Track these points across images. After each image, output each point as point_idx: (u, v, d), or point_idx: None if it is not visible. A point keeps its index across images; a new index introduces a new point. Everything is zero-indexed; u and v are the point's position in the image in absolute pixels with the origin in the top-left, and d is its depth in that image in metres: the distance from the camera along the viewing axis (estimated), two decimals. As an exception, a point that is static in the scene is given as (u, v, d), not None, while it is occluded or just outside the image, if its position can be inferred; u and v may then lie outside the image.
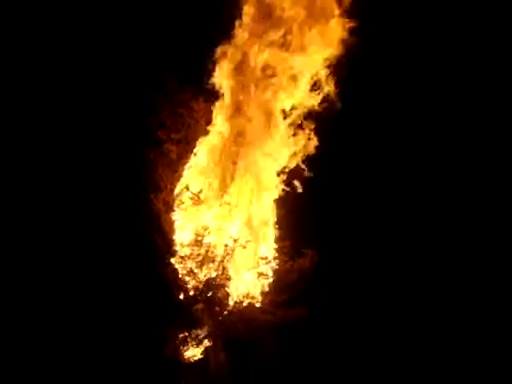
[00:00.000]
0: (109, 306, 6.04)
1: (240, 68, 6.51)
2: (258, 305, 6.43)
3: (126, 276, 6.16)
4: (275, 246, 6.57)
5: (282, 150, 6.53)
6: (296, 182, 6.55)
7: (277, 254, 6.54)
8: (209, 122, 6.61)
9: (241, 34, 6.51)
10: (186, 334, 6.19)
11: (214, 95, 6.60)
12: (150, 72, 6.63)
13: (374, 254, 6.65)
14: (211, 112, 6.65)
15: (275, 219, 6.58)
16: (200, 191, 6.52)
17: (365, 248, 6.68)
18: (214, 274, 6.35)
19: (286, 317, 6.29)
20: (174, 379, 6.09)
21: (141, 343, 6.00)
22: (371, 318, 6.39)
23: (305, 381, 6.32)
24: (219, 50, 6.50)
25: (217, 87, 6.57)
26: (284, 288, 6.45)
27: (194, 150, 6.63)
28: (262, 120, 6.48)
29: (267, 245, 6.55)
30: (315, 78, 6.53)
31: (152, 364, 5.99)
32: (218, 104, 6.61)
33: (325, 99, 6.50)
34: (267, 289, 6.47)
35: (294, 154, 6.54)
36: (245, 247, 6.39)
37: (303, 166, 6.53)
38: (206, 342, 6.23)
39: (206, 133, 6.61)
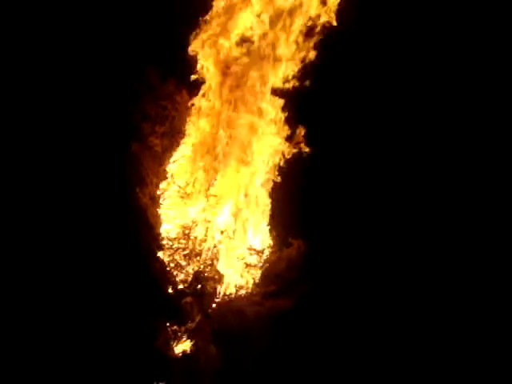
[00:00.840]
0: (96, 300, 5.95)
1: (224, 55, 6.49)
2: (246, 296, 6.45)
3: (114, 271, 6.08)
4: (263, 236, 6.60)
5: (271, 140, 6.53)
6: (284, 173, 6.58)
7: (265, 245, 6.57)
8: (193, 113, 6.59)
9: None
10: (176, 327, 6.15)
11: (197, 86, 6.57)
12: (132, 64, 6.52)
13: (363, 243, 6.63)
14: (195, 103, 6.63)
15: (263, 210, 6.60)
16: (186, 184, 6.51)
17: (355, 237, 6.66)
18: (202, 267, 6.35)
19: (274, 307, 6.29)
20: (164, 372, 6.05)
21: (130, 337, 5.93)
22: (361, 307, 6.39)
23: (296, 371, 6.32)
24: (200, 39, 6.48)
25: (200, 77, 6.55)
26: (272, 279, 6.46)
27: (179, 143, 6.61)
28: (250, 108, 6.46)
29: (255, 236, 6.57)
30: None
31: (142, 357, 5.95)
32: (202, 94, 6.58)
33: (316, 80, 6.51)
34: (255, 280, 6.49)
35: (284, 143, 6.55)
36: (232, 239, 6.41)
37: (292, 156, 6.57)
38: (196, 335, 6.20)
39: (191, 125, 6.59)
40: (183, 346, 6.19)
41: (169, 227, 6.52)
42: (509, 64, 6.92)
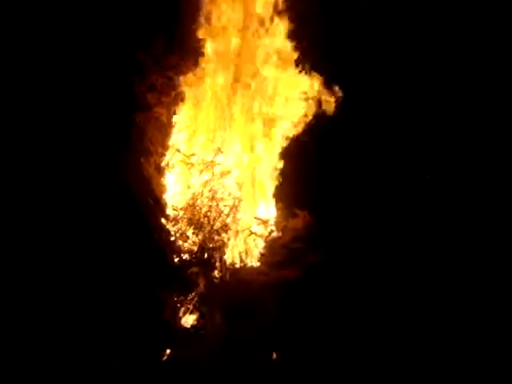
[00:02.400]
0: (102, 270, 5.97)
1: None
2: (252, 266, 6.44)
3: (119, 241, 6.10)
4: (269, 206, 6.59)
5: (281, 106, 6.52)
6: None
7: (270, 215, 6.56)
8: (199, 82, 6.56)
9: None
10: (182, 297, 6.16)
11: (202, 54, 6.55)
12: (137, 34, 6.49)
13: (370, 218, 6.60)
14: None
15: (269, 179, 6.58)
16: (192, 153, 6.49)
17: (361, 210, 6.63)
18: (207, 237, 6.34)
19: (280, 278, 6.28)
20: (171, 343, 6.06)
21: (136, 307, 5.95)
22: (367, 278, 6.37)
23: (301, 342, 6.31)
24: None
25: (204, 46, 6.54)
26: (278, 249, 6.45)
27: (185, 112, 6.58)
28: (258, 69, 6.47)
29: (261, 206, 6.56)
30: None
31: (149, 327, 5.96)
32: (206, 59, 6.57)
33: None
34: (261, 250, 6.48)
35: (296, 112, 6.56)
36: (238, 208, 6.39)
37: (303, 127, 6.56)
38: (202, 305, 6.21)
39: (197, 94, 6.56)
40: (189, 316, 6.20)
41: (174, 197, 6.51)
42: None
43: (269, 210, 6.62)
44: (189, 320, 6.17)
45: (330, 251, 6.42)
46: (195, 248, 6.34)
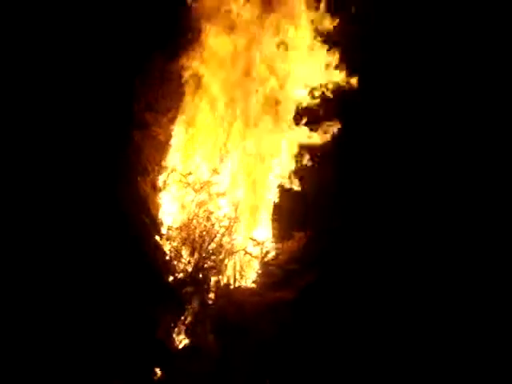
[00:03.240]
0: (96, 288, 5.93)
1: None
2: (247, 287, 6.42)
3: (114, 259, 6.07)
4: (265, 227, 6.58)
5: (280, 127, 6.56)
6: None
7: (266, 236, 6.55)
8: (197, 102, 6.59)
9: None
10: (176, 317, 6.12)
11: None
12: (136, 54, 6.52)
13: (365, 239, 6.60)
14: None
15: (266, 201, 6.59)
16: (189, 173, 6.49)
17: (357, 232, 6.63)
18: (203, 257, 6.32)
19: (274, 299, 6.26)
20: (164, 363, 6.02)
21: (130, 326, 5.91)
22: (361, 300, 6.35)
23: (295, 363, 6.28)
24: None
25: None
26: (273, 270, 6.43)
27: (182, 131, 6.60)
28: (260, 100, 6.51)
29: (257, 227, 6.55)
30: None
31: (142, 347, 5.91)
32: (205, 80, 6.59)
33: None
34: (256, 271, 6.46)
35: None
36: (234, 229, 6.38)
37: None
38: (196, 326, 6.17)
39: (195, 113, 6.58)
40: (183, 337, 6.16)
41: (170, 216, 6.50)
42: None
43: (264, 230, 6.60)
44: (182, 340, 6.13)
45: (324, 272, 6.42)
46: (190, 268, 6.32)
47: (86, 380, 5.54)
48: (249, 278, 6.48)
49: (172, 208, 6.54)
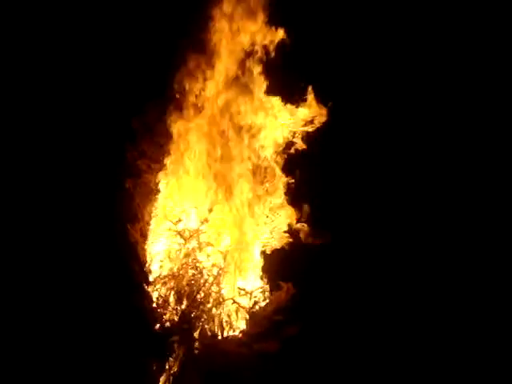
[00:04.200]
0: (81, 334, 5.89)
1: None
2: (234, 338, 6.38)
3: (101, 306, 6.04)
4: (253, 278, 6.59)
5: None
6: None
7: (254, 286, 6.54)
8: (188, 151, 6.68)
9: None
10: (162, 365, 6.07)
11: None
12: (130, 102, 6.63)
13: (353, 289, 6.63)
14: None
15: (254, 251, 6.61)
16: (178, 220, 6.52)
17: (343, 283, 6.66)
18: (190, 305, 6.30)
19: (261, 350, 6.22)
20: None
21: (115, 374, 5.85)
22: (349, 352, 6.34)
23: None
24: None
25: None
26: (260, 321, 6.41)
27: (173, 179, 6.66)
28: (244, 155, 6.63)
29: (245, 277, 6.56)
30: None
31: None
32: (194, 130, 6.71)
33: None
34: (243, 321, 6.44)
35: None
36: (222, 278, 6.39)
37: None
38: (182, 375, 6.11)
39: (185, 161, 6.66)
40: (169, 385, 6.11)
41: (159, 264, 6.50)
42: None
43: (253, 280, 6.60)
44: (168, 389, 6.08)
45: (311, 324, 6.41)
46: (177, 316, 6.29)
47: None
48: (236, 327, 6.44)
49: (161, 256, 6.54)
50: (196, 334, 6.26)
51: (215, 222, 6.57)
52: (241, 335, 6.38)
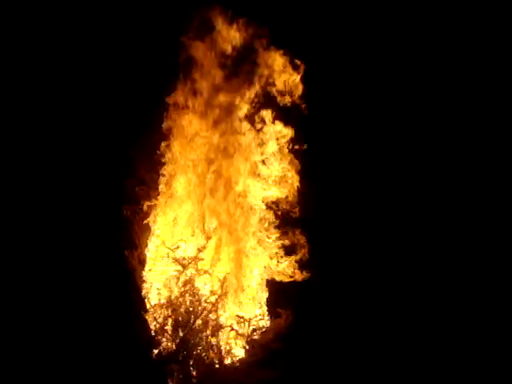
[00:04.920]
0: (80, 361, 5.87)
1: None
2: (232, 365, 6.33)
3: (99, 333, 6.02)
4: (251, 305, 6.55)
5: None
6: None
7: (253, 314, 6.50)
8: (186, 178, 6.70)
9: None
10: (159, 395, 6.02)
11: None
12: (129, 130, 6.66)
13: (350, 316, 6.60)
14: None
15: (252, 278, 6.58)
16: (177, 247, 6.51)
17: (341, 311, 6.63)
18: (187, 333, 6.27)
19: (260, 378, 6.18)
20: None
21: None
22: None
23: None
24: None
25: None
26: (259, 349, 6.36)
27: (171, 207, 6.66)
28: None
29: (243, 304, 6.52)
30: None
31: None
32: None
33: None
34: (242, 349, 6.39)
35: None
36: (220, 306, 6.36)
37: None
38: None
39: (183, 189, 6.67)
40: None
41: (157, 291, 6.46)
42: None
43: (251, 308, 6.56)
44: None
45: (310, 352, 6.38)
46: (174, 344, 6.25)
47: None
48: (234, 355, 6.39)
49: (158, 283, 6.51)
50: (194, 362, 6.21)
51: (213, 249, 6.53)
52: (239, 363, 6.33)
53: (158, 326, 6.32)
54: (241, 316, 6.42)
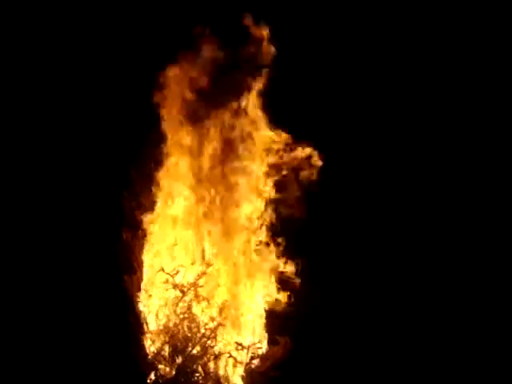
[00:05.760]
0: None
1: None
2: (229, 393, 6.29)
3: (97, 358, 6.01)
4: (250, 333, 6.50)
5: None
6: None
7: (251, 342, 6.45)
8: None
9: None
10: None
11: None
12: (128, 153, 6.64)
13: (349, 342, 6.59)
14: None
15: (251, 306, 6.54)
16: (176, 272, 6.46)
17: (339, 338, 6.62)
18: (185, 359, 6.22)
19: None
20: None
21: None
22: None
23: None
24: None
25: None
26: (257, 376, 6.33)
27: (169, 231, 6.63)
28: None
29: (242, 332, 6.47)
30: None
31: None
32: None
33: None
34: (240, 377, 6.34)
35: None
36: (219, 333, 6.31)
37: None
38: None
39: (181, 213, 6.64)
40: None
41: (155, 317, 6.41)
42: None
43: (250, 335, 6.51)
44: None
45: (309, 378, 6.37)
46: (172, 371, 6.20)
47: None
48: (232, 383, 6.33)
49: (157, 308, 6.45)
50: (191, 389, 6.17)
51: (212, 275, 6.48)
52: (237, 390, 6.29)
53: (155, 351, 6.27)
54: (239, 343, 6.37)
